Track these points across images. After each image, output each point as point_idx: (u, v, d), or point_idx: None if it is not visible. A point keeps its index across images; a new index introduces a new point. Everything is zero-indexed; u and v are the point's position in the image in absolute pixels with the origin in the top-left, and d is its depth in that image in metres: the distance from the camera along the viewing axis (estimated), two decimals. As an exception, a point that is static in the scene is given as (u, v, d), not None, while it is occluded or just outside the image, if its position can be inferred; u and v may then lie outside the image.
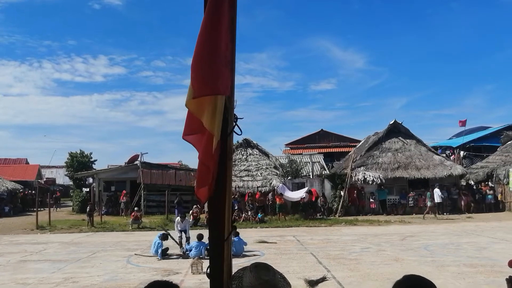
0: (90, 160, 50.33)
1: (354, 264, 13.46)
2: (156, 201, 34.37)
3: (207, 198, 2.52)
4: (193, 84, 2.24)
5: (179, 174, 36.40)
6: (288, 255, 15.42)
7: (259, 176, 31.74)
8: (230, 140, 2.53)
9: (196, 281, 11.53)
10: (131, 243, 19.45)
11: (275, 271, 2.48)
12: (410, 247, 16.51)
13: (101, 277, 12.38)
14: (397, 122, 34.61)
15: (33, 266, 14.29)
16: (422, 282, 2.69)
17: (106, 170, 40.52)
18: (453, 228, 22.28)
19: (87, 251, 17.30)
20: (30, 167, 53.75)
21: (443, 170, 31.66)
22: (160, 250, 15.41)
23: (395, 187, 32.09)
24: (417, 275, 2.75)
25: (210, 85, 2.28)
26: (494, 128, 46.15)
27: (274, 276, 2.44)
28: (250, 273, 2.44)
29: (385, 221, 26.67)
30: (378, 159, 32.75)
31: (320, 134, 58.47)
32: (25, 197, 42.88)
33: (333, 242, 18.50)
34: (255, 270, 2.43)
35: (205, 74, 2.26)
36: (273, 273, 2.45)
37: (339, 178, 31.87)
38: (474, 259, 13.49)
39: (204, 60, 2.27)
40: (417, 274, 2.75)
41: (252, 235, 20.81)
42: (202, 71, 2.26)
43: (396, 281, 2.71)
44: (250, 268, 2.47)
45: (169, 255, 15.83)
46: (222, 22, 2.33)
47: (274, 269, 2.48)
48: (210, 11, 2.28)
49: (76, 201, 38.06)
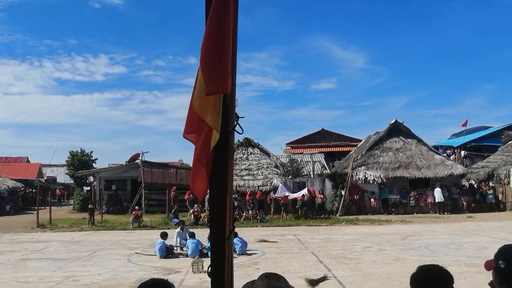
0: (90, 159, 50.34)
1: (355, 263, 13.46)
2: (157, 200, 34.36)
3: (203, 194, 2.53)
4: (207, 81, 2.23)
5: (180, 173, 36.38)
6: (288, 254, 15.42)
7: (260, 175, 31.73)
8: (232, 139, 2.52)
9: (197, 280, 11.53)
10: (132, 242, 19.46)
11: (286, 280, 2.52)
12: (411, 247, 16.51)
13: (101, 276, 12.39)
14: (398, 122, 34.59)
15: (34, 265, 14.30)
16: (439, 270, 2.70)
17: (107, 169, 40.51)
18: (454, 228, 22.28)
19: (88, 249, 17.31)
20: (31, 166, 53.77)
21: (444, 169, 31.65)
22: (165, 248, 15.42)
23: (396, 186, 32.09)
24: (432, 264, 2.76)
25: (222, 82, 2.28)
26: (495, 128, 46.11)
27: (285, 285, 2.49)
28: (261, 282, 2.49)
29: (386, 220, 26.68)
30: (379, 158, 32.75)
31: (321, 133, 58.47)
32: (26, 196, 42.95)
33: (334, 242, 18.50)
34: (266, 279, 2.49)
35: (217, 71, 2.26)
36: (284, 281, 2.50)
37: (340, 178, 31.86)
38: (475, 259, 13.47)
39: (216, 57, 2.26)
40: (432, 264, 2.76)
41: (253, 234, 20.84)
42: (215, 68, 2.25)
43: (412, 274, 2.71)
44: (261, 278, 2.53)
45: (174, 254, 15.78)
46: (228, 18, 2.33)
47: (285, 279, 2.52)
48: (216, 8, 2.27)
49: (77, 199, 38.09)
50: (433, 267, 2.75)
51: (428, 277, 2.67)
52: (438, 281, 2.63)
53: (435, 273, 2.70)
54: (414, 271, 2.75)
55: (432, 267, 2.75)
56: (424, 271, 2.72)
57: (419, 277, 2.70)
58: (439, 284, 2.61)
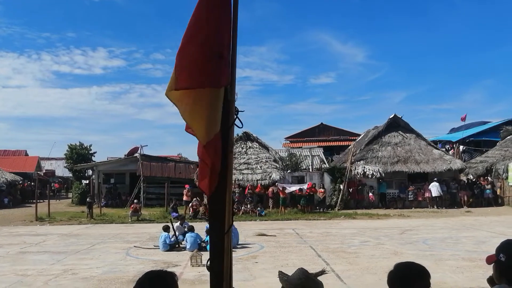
0: (89, 152, 50.19)
1: (353, 257, 13.48)
2: (155, 193, 34.41)
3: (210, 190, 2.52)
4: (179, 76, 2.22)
5: (179, 166, 36.42)
6: (287, 248, 15.44)
7: (259, 169, 31.73)
8: (231, 132, 2.52)
9: (195, 274, 11.54)
10: (130, 235, 19.48)
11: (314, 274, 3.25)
12: (409, 241, 16.54)
13: (100, 269, 12.40)
14: (397, 116, 34.58)
15: (33, 258, 14.31)
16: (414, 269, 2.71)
17: (106, 162, 40.52)
18: (452, 222, 22.32)
19: (86, 243, 17.32)
20: (29, 159, 53.68)
21: (443, 164, 31.68)
22: (168, 241, 15.44)
23: (395, 181, 32.13)
24: (408, 262, 2.76)
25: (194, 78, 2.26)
26: (494, 123, 46.13)
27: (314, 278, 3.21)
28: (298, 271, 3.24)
29: (384, 214, 26.72)
30: (378, 153, 32.77)
31: (320, 127, 58.43)
32: (24, 189, 42.94)
33: (332, 236, 18.52)
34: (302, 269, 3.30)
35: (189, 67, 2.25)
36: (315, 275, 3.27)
37: (339, 172, 31.87)
38: (473, 253, 13.51)
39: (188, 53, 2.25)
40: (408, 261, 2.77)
41: (252, 228, 20.87)
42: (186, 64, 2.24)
43: (389, 272, 2.72)
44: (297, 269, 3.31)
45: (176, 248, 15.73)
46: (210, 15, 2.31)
47: None
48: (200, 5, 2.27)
49: (76, 193, 38.09)
50: (410, 264, 2.76)
51: (405, 275, 2.69)
52: (415, 278, 2.65)
53: (412, 270, 2.71)
54: (391, 269, 2.76)
55: (409, 264, 2.76)
56: (401, 269, 2.73)
57: (396, 274, 2.72)
58: (416, 281, 2.63)
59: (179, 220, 17.96)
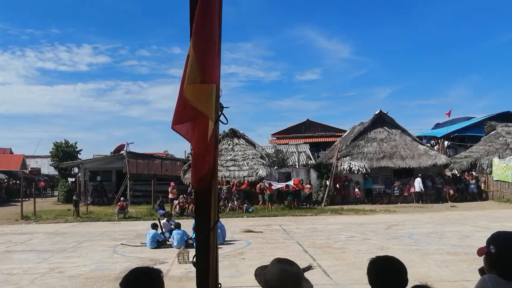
0: (75, 150, 49.88)
1: (340, 253, 13.57)
2: (142, 191, 34.25)
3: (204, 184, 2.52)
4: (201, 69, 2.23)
5: (165, 164, 36.28)
6: (274, 244, 15.49)
7: (246, 166, 31.77)
8: (216, 128, 2.53)
9: (182, 271, 11.55)
10: (117, 233, 19.41)
11: (298, 266, 2.50)
12: (394, 236, 16.69)
13: (87, 267, 12.35)
14: (382, 112, 34.81)
15: (18, 257, 14.19)
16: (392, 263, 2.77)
17: (92, 160, 40.22)
18: (437, 217, 22.55)
19: (73, 241, 17.22)
20: (14, 157, 53.14)
21: (428, 159, 31.96)
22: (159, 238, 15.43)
23: (380, 176, 32.35)
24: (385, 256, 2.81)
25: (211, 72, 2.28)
26: (478, 118, 46.62)
27: (298, 270, 2.47)
28: (273, 267, 2.47)
29: (370, 210, 26.91)
30: (364, 148, 32.98)
31: (306, 124, 58.62)
32: (9, 187, 42.51)
33: (319, 231, 18.61)
34: (279, 264, 2.46)
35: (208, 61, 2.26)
36: (297, 267, 2.48)
37: (325, 168, 32.03)
38: (458, 248, 13.68)
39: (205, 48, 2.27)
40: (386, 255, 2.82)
41: (239, 224, 20.90)
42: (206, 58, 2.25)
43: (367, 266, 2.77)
44: (272, 262, 2.51)
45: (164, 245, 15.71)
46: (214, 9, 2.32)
47: (297, 265, 2.51)
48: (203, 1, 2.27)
49: (62, 191, 37.81)
50: (386, 258, 2.81)
51: (382, 269, 2.74)
52: (392, 272, 2.70)
53: (389, 265, 2.76)
54: (369, 264, 2.81)
55: (386, 258, 2.81)
56: (378, 263, 2.78)
57: (373, 269, 2.76)
58: (393, 276, 2.68)
59: (165, 217, 17.94)
